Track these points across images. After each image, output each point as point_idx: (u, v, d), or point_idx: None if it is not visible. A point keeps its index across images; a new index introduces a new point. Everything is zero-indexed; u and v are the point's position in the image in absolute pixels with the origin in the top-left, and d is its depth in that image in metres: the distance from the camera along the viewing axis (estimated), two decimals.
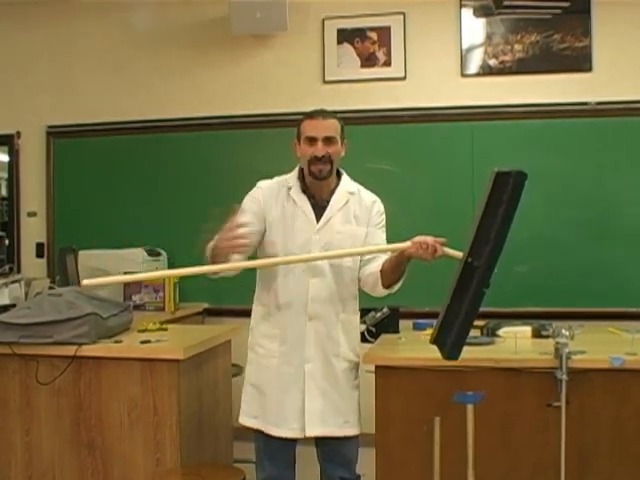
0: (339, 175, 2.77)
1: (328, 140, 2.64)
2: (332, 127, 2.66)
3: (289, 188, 2.73)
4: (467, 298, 2.14)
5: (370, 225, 2.74)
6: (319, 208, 2.71)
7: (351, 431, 2.73)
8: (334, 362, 2.70)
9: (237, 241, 2.34)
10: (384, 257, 2.66)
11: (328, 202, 2.72)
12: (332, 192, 2.73)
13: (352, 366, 2.77)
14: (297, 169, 2.77)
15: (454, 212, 4.33)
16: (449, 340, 2.18)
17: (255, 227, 2.66)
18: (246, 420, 2.77)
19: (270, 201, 2.72)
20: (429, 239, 2.43)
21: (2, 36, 5.15)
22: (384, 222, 2.79)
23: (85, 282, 2.29)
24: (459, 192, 4.44)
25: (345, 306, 2.73)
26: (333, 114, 2.72)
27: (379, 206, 2.79)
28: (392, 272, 2.61)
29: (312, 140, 2.64)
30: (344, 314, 2.73)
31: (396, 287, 2.67)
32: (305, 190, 2.72)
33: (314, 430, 2.66)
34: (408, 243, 2.45)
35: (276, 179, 2.79)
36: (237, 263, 2.47)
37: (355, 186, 2.79)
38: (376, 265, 2.67)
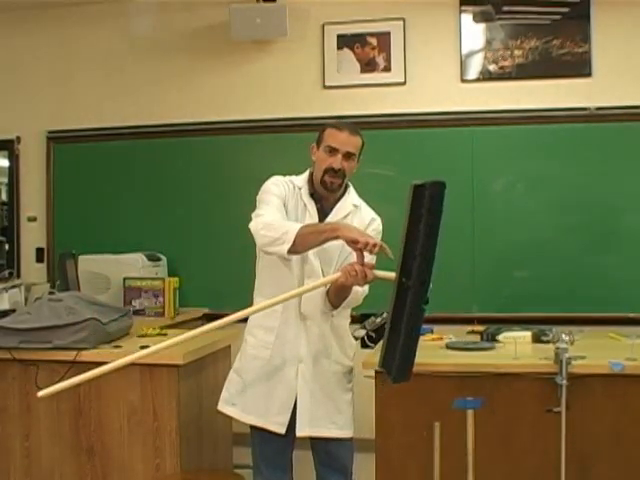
0: (346, 187, 2.80)
1: (348, 155, 2.68)
2: (356, 143, 2.70)
3: (300, 188, 2.77)
4: (404, 318, 2.10)
5: None
6: (323, 213, 2.75)
7: (340, 433, 2.73)
8: (325, 364, 2.72)
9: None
10: None
11: (332, 209, 2.75)
12: (337, 201, 2.77)
13: (345, 370, 2.79)
14: (307, 172, 2.80)
15: (453, 217, 4.30)
16: (394, 364, 2.14)
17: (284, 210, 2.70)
18: (223, 407, 2.80)
19: (287, 194, 2.74)
20: (357, 266, 2.43)
21: (2, 41, 5.15)
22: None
23: (41, 393, 2.22)
24: (459, 197, 4.43)
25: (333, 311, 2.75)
26: (359, 131, 2.75)
27: (377, 224, 2.81)
28: (334, 297, 2.67)
29: (333, 150, 2.66)
30: (333, 318, 2.75)
31: (345, 307, 2.73)
32: (312, 194, 2.76)
33: (301, 430, 2.68)
34: (339, 273, 2.47)
35: (288, 178, 2.81)
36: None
37: (359, 201, 2.83)
38: None
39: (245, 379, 2.75)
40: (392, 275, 2.25)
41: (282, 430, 2.68)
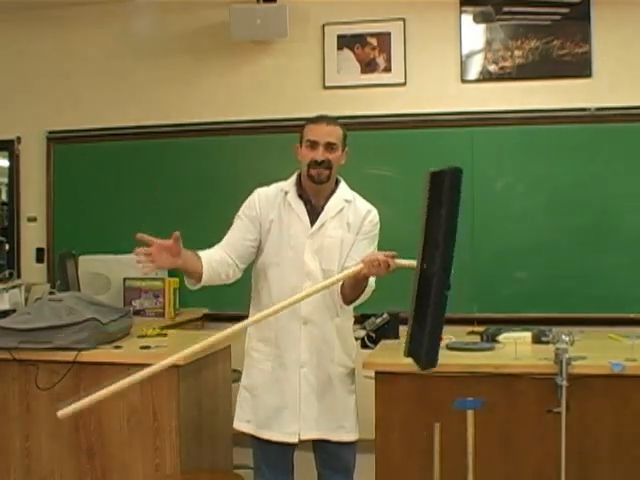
0: (337, 182, 2.78)
1: (329, 146, 2.66)
2: (334, 133, 2.68)
3: (286, 193, 2.75)
4: (430, 305, 2.10)
5: (359, 233, 2.73)
6: (314, 214, 2.72)
7: (347, 436, 2.72)
8: (329, 367, 2.71)
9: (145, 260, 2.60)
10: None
11: (323, 208, 2.73)
12: (328, 198, 2.74)
13: (348, 371, 2.77)
14: (295, 175, 2.78)
15: None
16: (422, 351, 2.14)
17: (252, 234, 2.72)
18: (239, 424, 2.78)
19: (267, 207, 2.74)
20: (379, 255, 2.43)
21: (3, 42, 5.16)
22: (375, 232, 2.77)
23: (60, 412, 2.15)
24: None
25: (339, 311, 2.73)
26: (337, 121, 2.74)
27: (373, 216, 2.78)
28: (350, 290, 2.63)
29: (313, 144, 2.66)
30: (338, 319, 2.74)
31: (357, 302, 2.69)
32: (302, 195, 2.74)
33: (308, 434, 2.67)
34: (360, 265, 2.46)
35: (274, 185, 2.81)
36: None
37: (351, 194, 2.79)
38: None
39: (254, 394, 2.74)
40: (413, 263, 2.25)
41: (295, 439, 2.66)
